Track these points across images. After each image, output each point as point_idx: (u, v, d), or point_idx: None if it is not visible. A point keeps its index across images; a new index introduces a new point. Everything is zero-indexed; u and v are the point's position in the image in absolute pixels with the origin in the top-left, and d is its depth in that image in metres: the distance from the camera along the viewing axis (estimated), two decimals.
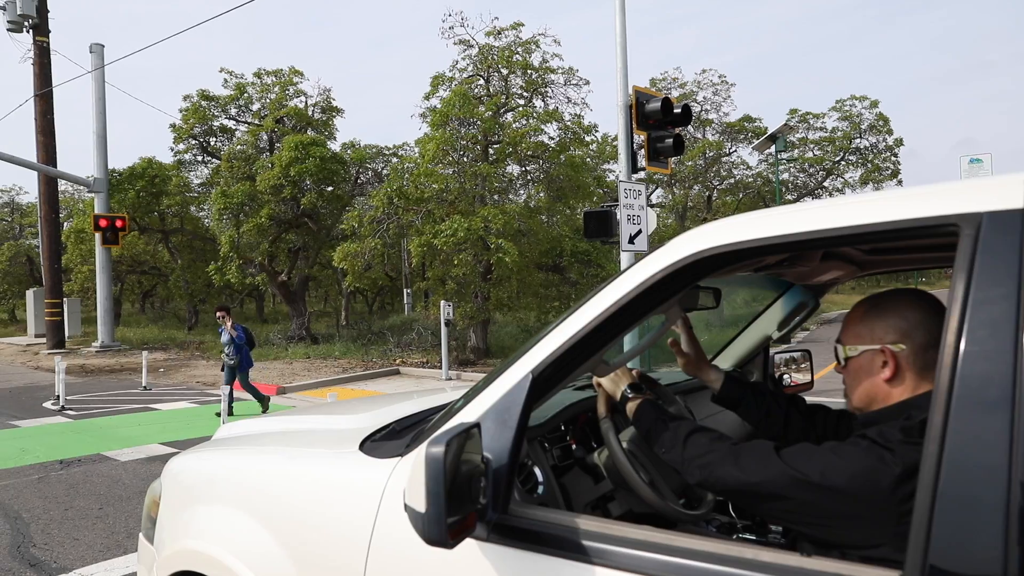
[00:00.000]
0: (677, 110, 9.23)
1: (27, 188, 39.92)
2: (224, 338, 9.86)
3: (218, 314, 10.12)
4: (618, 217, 8.96)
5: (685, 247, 1.37)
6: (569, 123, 16.15)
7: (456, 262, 14.17)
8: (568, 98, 16.34)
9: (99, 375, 15.19)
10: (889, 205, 1.18)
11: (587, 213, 9.47)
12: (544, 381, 1.49)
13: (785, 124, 23.59)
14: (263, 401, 10.08)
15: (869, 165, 28.32)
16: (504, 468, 1.41)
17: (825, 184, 29.42)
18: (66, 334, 21.17)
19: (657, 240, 20.57)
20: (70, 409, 10.52)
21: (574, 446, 2.02)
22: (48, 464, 7.12)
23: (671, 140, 9.21)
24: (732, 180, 29.82)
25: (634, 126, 9.20)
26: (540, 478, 1.78)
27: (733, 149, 28.92)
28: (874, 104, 27.65)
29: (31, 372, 16.04)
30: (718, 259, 1.34)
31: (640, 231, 9.12)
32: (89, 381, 14.14)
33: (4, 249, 32.93)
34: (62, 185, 23.86)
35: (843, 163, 28.81)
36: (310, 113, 21.55)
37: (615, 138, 24.60)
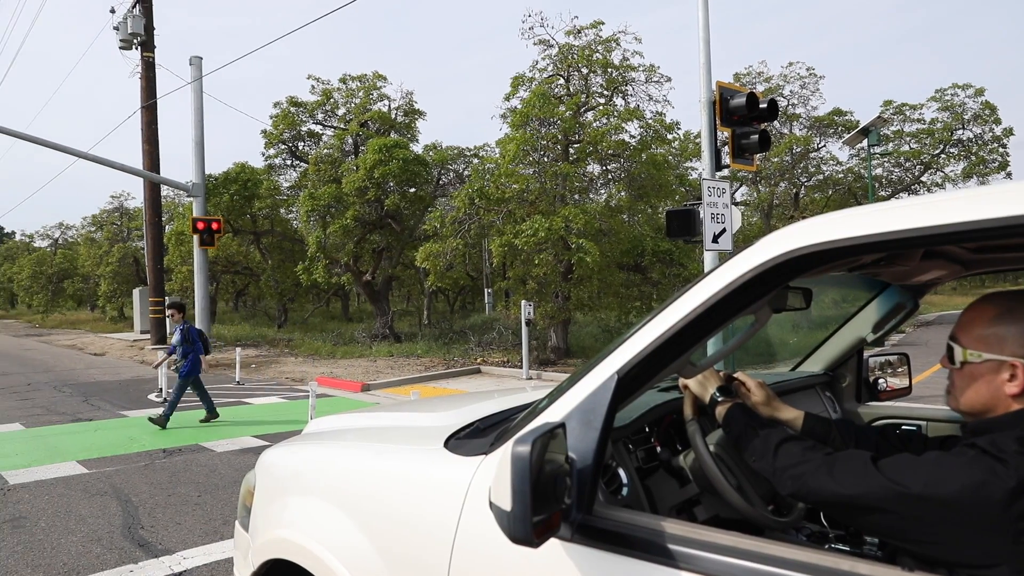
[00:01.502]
0: (763, 105, 8.98)
1: (134, 193, 42.34)
2: (176, 338, 9.30)
3: (168, 311, 9.58)
4: (701, 216, 8.78)
5: (776, 246, 1.33)
6: (650, 121, 15.93)
7: (537, 262, 14.19)
8: (649, 96, 16.13)
9: None
10: (1002, 199, 1.11)
11: (669, 212, 9.32)
12: (629, 382, 1.47)
13: (879, 116, 22.49)
14: (210, 411, 9.39)
15: (973, 158, 26.66)
16: (589, 469, 1.40)
17: (923, 179, 27.92)
18: (167, 330, 22.36)
19: (741, 239, 20.02)
20: None
21: (659, 448, 1.99)
22: (153, 452, 7.54)
23: (756, 136, 8.97)
24: (821, 176, 28.70)
25: (718, 123, 9.00)
26: (624, 480, 1.77)
27: (822, 144, 27.84)
28: (979, 92, 26.02)
29: (137, 366, 17.04)
30: (811, 258, 1.29)
31: (724, 230, 8.91)
32: None
33: (114, 251, 35.13)
34: (164, 190, 25.23)
35: (943, 156, 27.25)
36: (393, 116, 22.03)
37: (698, 135, 24.08)
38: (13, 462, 7.17)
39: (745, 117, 8.93)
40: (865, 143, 22.93)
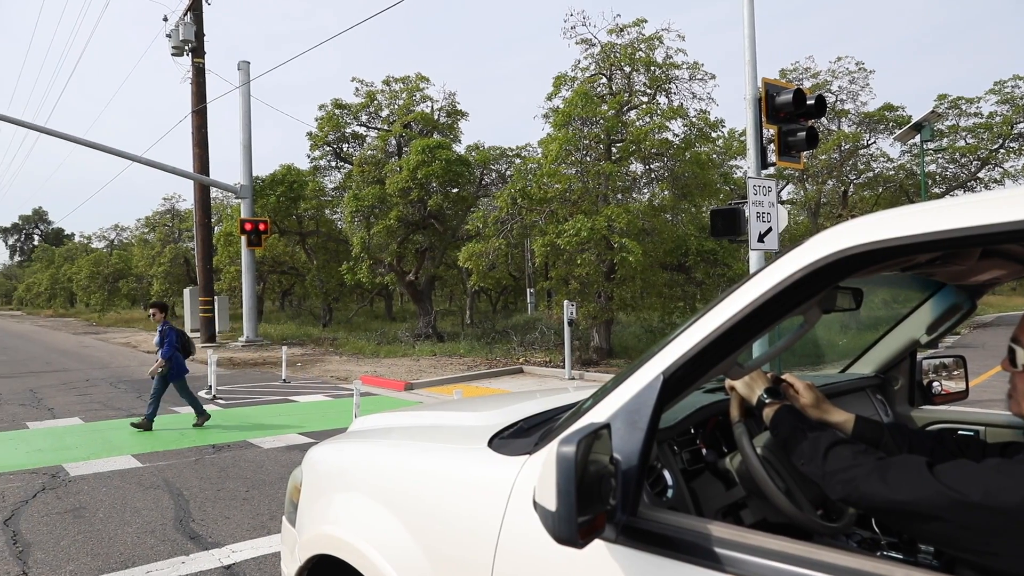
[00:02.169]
0: (810, 101, 8.81)
1: (185, 196, 43.48)
2: (156, 339, 8.94)
3: (150, 310, 9.18)
4: (747, 215, 8.65)
5: (827, 245, 1.30)
6: (694, 119, 15.74)
7: (579, 262, 14.15)
8: (693, 93, 15.94)
9: (244, 368, 16.34)
10: None
11: (714, 211, 9.21)
12: (675, 383, 1.46)
13: (932, 111, 21.81)
14: (200, 414, 9.06)
15: None
16: (634, 470, 1.39)
17: (980, 175, 27.00)
18: (216, 329, 22.92)
19: (787, 238, 19.66)
20: (220, 398, 11.37)
21: (704, 450, 1.97)
22: (203, 448, 7.73)
23: (803, 133, 8.80)
24: (870, 174, 27.99)
25: (764, 120, 8.86)
26: (670, 481, 1.75)
27: (872, 140, 27.13)
28: None
29: (188, 363, 17.47)
30: (863, 258, 1.26)
31: (770, 229, 8.77)
32: (236, 373, 15.23)
33: (166, 252, 36.14)
34: (213, 192, 25.86)
35: (1003, 151, 26.30)
36: (436, 117, 22.19)
37: (743, 133, 23.72)
38: (74, 455, 7.44)
39: (792, 114, 8.77)
40: (918, 139, 22.28)
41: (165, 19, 22.94)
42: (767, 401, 1.74)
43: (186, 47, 22.28)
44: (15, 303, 78.54)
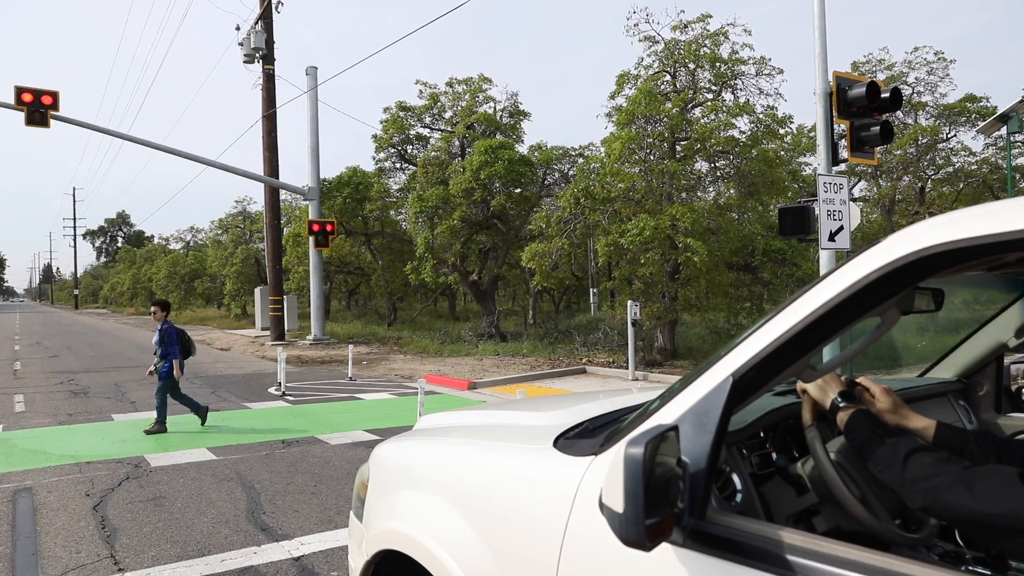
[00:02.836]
0: (884, 95, 8.49)
1: (255, 198, 44.95)
2: (156, 338, 8.78)
3: (152, 308, 9.02)
4: (816, 212, 8.41)
5: (906, 244, 1.25)
6: (761, 115, 15.37)
7: (643, 261, 14.01)
8: (760, 89, 15.55)
9: (312, 365, 16.76)
10: None
11: (782, 209, 8.98)
12: (745, 385, 1.43)
13: (1021, 101, 20.71)
14: (200, 413, 8.97)
15: None
16: (702, 473, 1.37)
17: None
18: (285, 327, 23.59)
19: (860, 237, 19.00)
20: (289, 395, 11.70)
21: (774, 454, 1.92)
22: (273, 443, 7.97)
23: (877, 128, 8.49)
24: (950, 169, 26.74)
25: (835, 114, 8.59)
26: (739, 485, 1.72)
27: (952, 134, 25.93)
28: None
29: (258, 361, 18.05)
30: (946, 257, 1.21)
31: (841, 227, 8.49)
32: (304, 371, 15.63)
33: (238, 253, 37.37)
34: (282, 194, 26.63)
35: None
36: (499, 118, 22.30)
37: (812, 129, 23.05)
38: (154, 446, 7.78)
39: (865, 108, 8.47)
40: (1004, 131, 21.17)
41: (237, 28, 23.77)
42: (841, 405, 1.68)
43: (257, 55, 23.01)
44: (101, 301, 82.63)
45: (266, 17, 23.11)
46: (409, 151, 24.53)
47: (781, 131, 16.48)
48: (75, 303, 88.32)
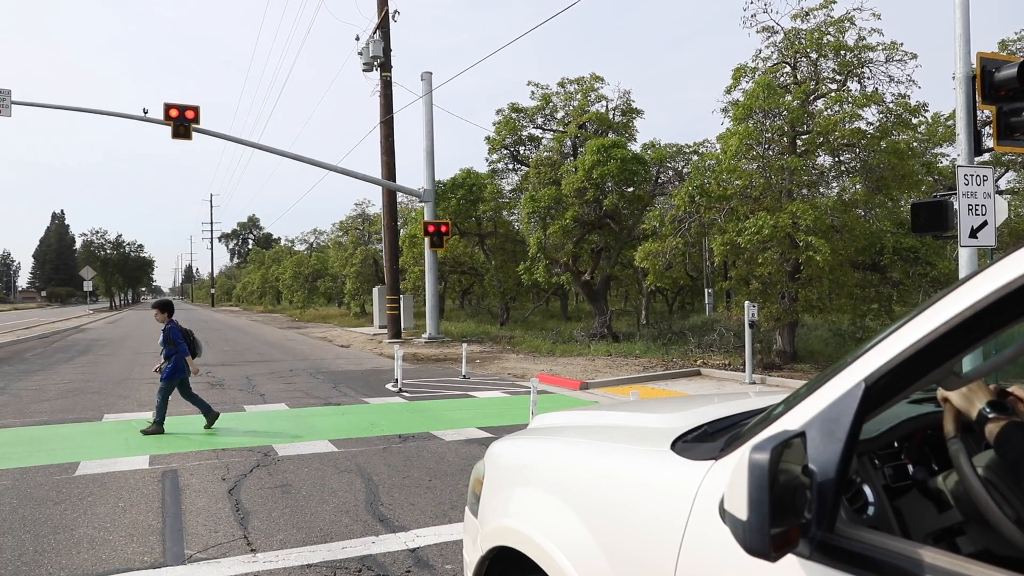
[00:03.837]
0: None
1: (373, 201, 46.80)
2: (160, 339, 8.67)
3: (154, 311, 8.87)
4: (955, 207, 7.82)
5: None
6: (891, 105, 14.43)
7: (761, 261, 13.50)
8: (890, 76, 14.60)
9: (427, 363, 17.22)
10: None
11: (915, 204, 8.41)
12: (879, 392, 1.34)
13: None
14: (208, 415, 8.78)
15: None
16: (831, 482, 1.31)
17: None
18: (402, 326, 24.39)
19: (1007, 233, 17.48)
20: (406, 391, 12.07)
21: (910, 467, 1.80)
22: (390, 437, 8.25)
23: None
24: None
25: (978, 100, 7.97)
26: (871, 498, 1.62)
27: None
28: None
29: (376, 358, 18.74)
30: None
31: (985, 223, 7.86)
32: (419, 368, 16.09)
33: (357, 253, 38.96)
34: (399, 196, 27.57)
35: None
36: (611, 116, 22.11)
37: (950, 117, 21.41)
38: (281, 437, 8.24)
39: (1016, 91, 7.80)
40: None
41: (357, 38, 24.76)
42: (991, 416, 1.55)
43: (375, 63, 23.92)
44: (234, 300, 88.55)
45: (383, 26, 23.96)
46: (521, 152, 24.75)
47: (914, 120, 15.43)
48: (211, 301, 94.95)
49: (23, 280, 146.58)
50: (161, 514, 5.42)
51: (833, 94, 14.74)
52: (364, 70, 24.31)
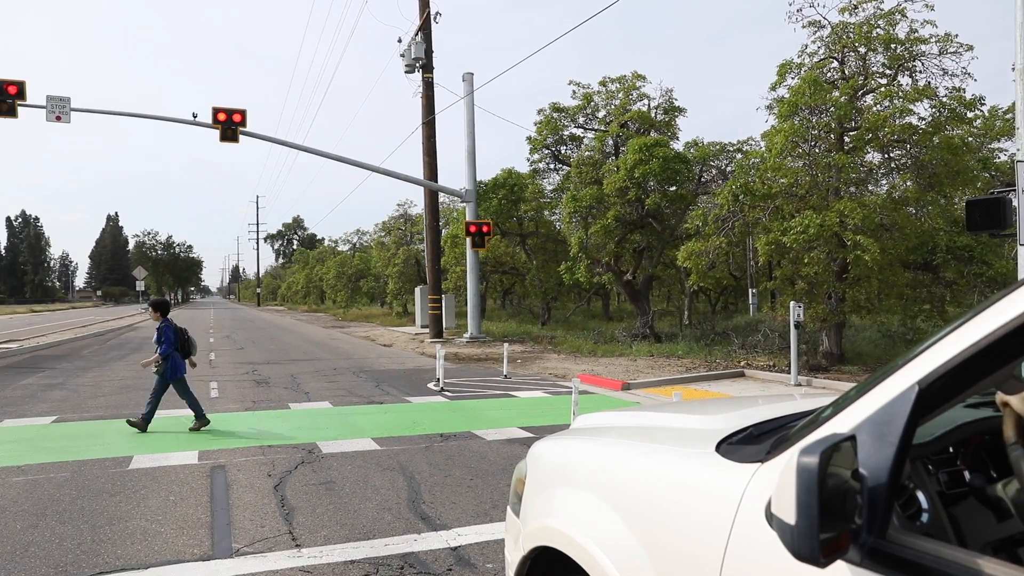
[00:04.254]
0: None
1: (415, 201, 47.20)
2: (155, 337, 8.60)
3: (149, 309, 8.83)
4: (1014, 204, 7.54)
5: None
6: (945, 99, 14.01)
7: (807, 260, 13.23)
8: (944, 70, 14.17)
9: (468, 363, 17.30)
10: None
11: (970, 202, 8.12)
12: (934, 395, 1.30)
13: None
14: (199, 417, 8.68)
15: None
16: (882, 488, 1.27)
17: None
18: (443, 325, 24.52)
19: None
20: (447, 391, 12.14)
21: (967, 473, 1.74)
22: (432, 436, 8.31)
23: None
24: None
25: None
26: (924, 504, 1.57)
27: None
28: None
29: (418, 357, 18.89)
30: None
31: None
32: (461, 367, 16.17)
33: (399, 253, 39.32)
34: (441, 197, 27.74)
35: None
36: (653, 115, 21.91)
37: (1008, 110, 20.66)
38: (325, 435, 8.36)
39: None
40: None
41: (399, 40, 24.99)
42: None
43: (417, 64, 24.10)
44: (279, 299, 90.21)
45: (425, 28, 24.14)
46: (563, 152, 24.69)
47: (969, 115, 14.94)
48: (257, 301, 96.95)
49: (80, 280, 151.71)
50: (210, 508, 5.55)
51: (883, 89, 14.38)
52: (406, 72, 24.52)
